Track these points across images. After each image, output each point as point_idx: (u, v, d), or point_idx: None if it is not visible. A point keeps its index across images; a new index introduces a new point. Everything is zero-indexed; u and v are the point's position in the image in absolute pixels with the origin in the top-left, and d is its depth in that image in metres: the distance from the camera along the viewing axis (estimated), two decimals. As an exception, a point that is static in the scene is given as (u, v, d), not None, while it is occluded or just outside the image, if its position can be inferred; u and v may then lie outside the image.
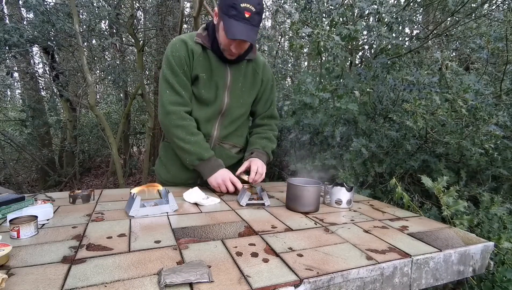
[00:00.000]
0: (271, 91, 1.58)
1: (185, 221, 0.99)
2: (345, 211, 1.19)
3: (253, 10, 1.19)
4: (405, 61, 2.32)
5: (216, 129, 1.47)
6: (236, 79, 1.44)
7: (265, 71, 1.52)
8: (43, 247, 0.77)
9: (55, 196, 1.23)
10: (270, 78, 1.56)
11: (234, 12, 1.18)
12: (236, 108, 1.48)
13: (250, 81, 1.49)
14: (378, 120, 2.11)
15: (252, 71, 1.48)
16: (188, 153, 1.35)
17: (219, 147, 1.50)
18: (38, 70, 6.12)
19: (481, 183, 1.80)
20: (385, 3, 2.02)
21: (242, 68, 1.45)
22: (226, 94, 1.43)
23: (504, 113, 1.59)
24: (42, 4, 3.65)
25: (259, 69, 1.50)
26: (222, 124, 1.48)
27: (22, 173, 6.00)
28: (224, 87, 1.42)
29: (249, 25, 1.20)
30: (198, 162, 1.36)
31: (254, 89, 1.51)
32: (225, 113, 1.46)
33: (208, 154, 1.37)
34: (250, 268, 0.70)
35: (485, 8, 2.79)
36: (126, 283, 0.62)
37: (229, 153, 1.53)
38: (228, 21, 1.20)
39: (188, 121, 1.37)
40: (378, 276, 0.75)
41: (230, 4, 1.18)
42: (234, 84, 1.44)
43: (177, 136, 1.35)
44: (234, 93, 1.45)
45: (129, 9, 5.01)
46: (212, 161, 1.37)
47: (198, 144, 1.35)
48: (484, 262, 0.93)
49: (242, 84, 1.46)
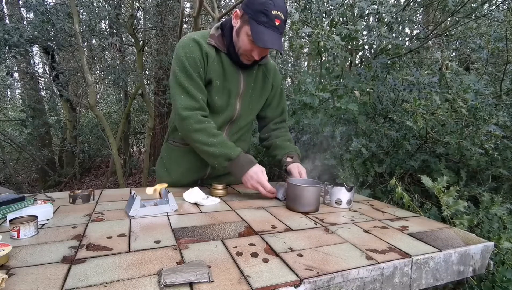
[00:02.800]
0: (280, 96, 1.55)
1: (185, 221, 0.99)
2: (345, 211, 1.19)
3: (283, 18, 1.16)
4: (405, 61, 2.32)
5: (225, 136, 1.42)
6: (248, 85, 1.40)
7: (275, 77, 1.49)
8: (43, 247, 0.77)
9: (55, 196, 1.23)
10: (279, 82, 1.53)
11: (264, 18, 1.13)
12: (246, 115, 1.45)
13: (260, 86, 1.45)
14: (378, 120, 2.11)
15: (262, 76, 1.45)
16: (214, 156, 1.27)
17: None
18: (38, 70, 6.12)
19: (481, 183, 1.80)
20: (385, 3, 2.02)
21: (253, 74, 1.40)
22: (238, 101, 1.39)
23: (504, 113, 1.59)
24: (42, 4, 3.65)
25: (269, 75, 1.46)
26: (230, 131, 1.45)
27: (22, 173, 6.00)
28: (237, 95, 1.37)
29: (277, 33, 1.17)
30: (227, 163, 1.27)
31: (263, 95, 1.48)
32: (235, 121, 1.43)
33: (235, 152, 1.27)
34: (250, 268, 0.70)
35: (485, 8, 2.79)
36: (126, 283, 0.62)
37: None
38: (257, 27, 1.14)
39: (206, 124, 1.28)
40: (378, 276, 0.75)
41: (261, 10, 1.13)
42: (246, 91, 1.39)
43: (198, 140, 1.27)
44: (245, 100, 1.41)
45: (129, 9, 5.00)
46: (242, 159, 1.27)
47: (222, 145, 1.27)
48: (484, 262, 0.93)
49: (252, 90, 1.43)
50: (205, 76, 1.30)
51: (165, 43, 4.85)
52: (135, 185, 5.55)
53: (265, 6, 1.13)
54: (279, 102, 1.56)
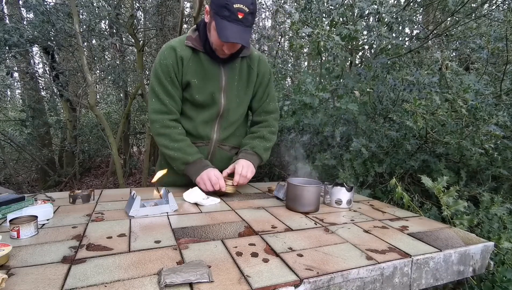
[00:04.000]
0: (268, 85, 1.52)
1: (185, 221, 0.99)
2: (345, 211, 1.19)
3: (246, 11, 1.16)
4: (405, 61, 2.32)
5: (216, 132, 1.46)
6: (231, 79, 1.41)
7: (260, 65, 1.47)
8: (43, 247, 0.77)
9: (55, 196, 1.23)
10: (266, 71, 1.50)
11: (226, 13, 1.14)
12: (234, 109, 1.46)
13: (246, 79, 1.45)
14: (378, 120, 2.11)
15: (247, 68, 1.45)
16: (173, 159, 1.36)
17: (218, 149, 1.49)
18: (38, 70, 6.12)
19: (481, 183, 1.80)
20: (385, 3, 2.02)
21: (236, 67, 1.41)
22: (222, 96, 1.41)
23: (504, 113, 1.59)
24: (42, 4, 3.65)
25: (253, 65, 1.45)
26: (221, 126, 1.46)
27: (22, 173, 6.00)
28: (220, 89, 1.39)
29: (242, 26, 1.17)
30: (184, 167, 1.36)
31: (250, 86, 1.47)
32: (223, 115, 1.44)
33: (193, 157, 1.35)
34: (250, 268, 0.70)
35: (485, 8, 2.80)
36: (126, 283, 0.62)
37: (228, 154, 1.52)
38: (221, 22, 1.16)
39: (171, 129, 1.36)
40: (378, 276, 0.75)
41: (222, 4, 1.14)
42: (230, 84, 1.41)
43: (161, 144, 1.36)
44: (230, 94, 1.42)
45: (129, 9, 5.00)
46: (198, 163, 1.36)
47: (181, 150, 1.34)
48: (484, 262, 0.93)
49: (238, 84, 1.43)
50: (181, 79, 1.36)
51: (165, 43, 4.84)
52: (135, 185, 5.54)
53: (226, 1, 1.14)
54: (265, 90, 1.52)
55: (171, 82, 1.34)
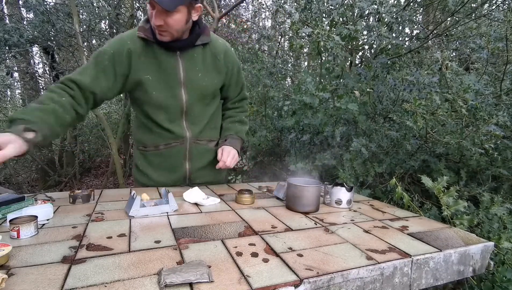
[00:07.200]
0: (238, 74, 1.47)
1: (185, 221, 0.99)
2: (345, 211, 1.19)
3: None
4: (405, 61, 2.32)
5: (186, 130, 1.39)
6: (192, 70, 1.30)
7: (227, 57, 1.39)
8: (43, 247, 0.77)
9: (55, 196, 1.23)
10: (235, 62, 1.43)
11: None
12: (199, 102, 1.37)
13: (211, 68, 1.35)
14: (378, 120, 2.11)
15: (212, 57, 1.35)
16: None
17: (195, 145, 1.43)
18: (38, 70, 6.13)
19: (481, 183, 1.80)
20: (385, 3, 2.02)
21: (196, 56, 1.31)
22: (183, 90, 1.31)
23: (504, 113, 1.59)
24: (42, 4, 3.66)
25: (219, 56, 1.36)
26: (191, 122, 1.38)
27: (22, 173, 6.00)
28: (179, 84, 1.30)
29: None
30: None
31: (218, 77, 1.38)
32: (188, 112, 1.36)
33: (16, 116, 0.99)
34: (250, 268, 0.70)
35: (485, 8, 2.80)
36: (126, 283, 0.62)
37: (207, 147, 1.47)
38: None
39: (52, 93, 1.11)
40: (378, 276, 0.75)
41: None
42: (190, 76, 1.30)
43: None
44: (192, 87, 1.32)
45: (129, 9, 5.00)
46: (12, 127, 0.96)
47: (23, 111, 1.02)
48: (484, 262, 0.93)
49: (202, 75, 1.33)
50: (127, 74, 1.25)
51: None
52: (135, 185, 5.53)
53: None
54: (237, 81, 1.48)
55: (103, 69, 1.21)
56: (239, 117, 1.53)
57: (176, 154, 1.42)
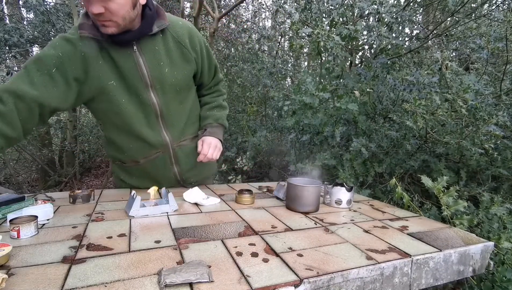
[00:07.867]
0: (208, 57, 1.28)
1: (185, 221, 0.99)
2: (345, 211, 1.19)
3: None
4: (405, 61, 2.32)
5: (166, 135, 1.25)
6: (156, 66, 1.12)
7: (193, 41, 1.19)
8: (43, 247, 0.77)
9: (55, 196, 1.23)
10: (201, 44, 1.23)
11: None
12: (174, 101, 1.21)
13: (178, 58, 1.17)
14: (378, 120, 2.11)
15: (176, 44, 1.15)
16: None
17: (178, 149, 1.30)
18: (38, 70, 6.10)
19: (481, 183, 1.80)
20: (385, 3, 2.02)
21: (158, 49, 1.11)
22: (152, 92, 1.15)
23: (504, 113, 1.59)
24: (42, 4, 3.66)
25: (184, 41, 1.16)
26: (169, 125, 1.24)
27: (22, 173, 6.00)
28: (145, 85, 1.13)
29: None
30: None
31: (188, 67, 1.20)
32: (163, 115, 1.21)
33: None
34: (250, 268, 0.70)
35: (485, 8, 2.80)
36: (126, 283, 0.62)
37: (192, 146, 1.35)
38: None
39: None
40: (378, 276, 0.75)
41: None
42: (156, 74, 1.13)
43: None
44: (162, 86, 1.15)
45: (129, 9, 4.98)
46: None
47: None
48: (484, 262, 0.93)
49: (169, 69, 1.14)
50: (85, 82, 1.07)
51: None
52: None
53: None
54: (210, 65, 1.31)
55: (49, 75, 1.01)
56: (217, 102, 1.39)
57: (160, 163, 1.31)
